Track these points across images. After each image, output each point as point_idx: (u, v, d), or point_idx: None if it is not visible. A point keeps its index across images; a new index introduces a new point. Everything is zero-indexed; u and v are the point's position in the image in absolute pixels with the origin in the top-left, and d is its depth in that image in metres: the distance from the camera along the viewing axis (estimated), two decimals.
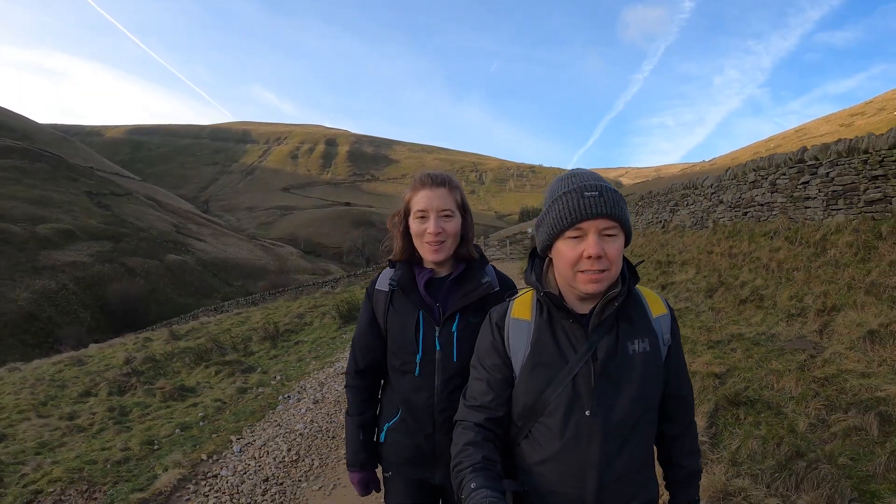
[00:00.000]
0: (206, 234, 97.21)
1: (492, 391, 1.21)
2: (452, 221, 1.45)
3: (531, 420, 1.17)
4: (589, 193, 1.07)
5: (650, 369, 1.16)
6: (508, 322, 1.23)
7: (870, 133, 6.00)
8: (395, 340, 1.51)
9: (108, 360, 10.88)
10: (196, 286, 71.00)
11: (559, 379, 1.13)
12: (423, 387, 1.46)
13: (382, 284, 1.54)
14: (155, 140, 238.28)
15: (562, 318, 1.17)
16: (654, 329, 1.20)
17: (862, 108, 59.69)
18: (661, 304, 1.25)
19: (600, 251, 1.06)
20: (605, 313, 1.13)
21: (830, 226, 5.95)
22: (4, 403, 8.16)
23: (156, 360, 9.69)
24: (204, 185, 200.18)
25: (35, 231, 66.93)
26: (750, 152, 70.40)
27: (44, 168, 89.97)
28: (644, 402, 1.15)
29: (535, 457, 1.17)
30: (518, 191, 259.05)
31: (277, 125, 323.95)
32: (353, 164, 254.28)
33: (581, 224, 1.07)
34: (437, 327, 1.46)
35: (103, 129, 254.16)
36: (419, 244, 1.46)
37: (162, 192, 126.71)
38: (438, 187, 1.45)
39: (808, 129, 63.80)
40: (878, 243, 5.02)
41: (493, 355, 1.23)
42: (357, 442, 1.55)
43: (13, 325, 48.99)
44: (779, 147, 59.92)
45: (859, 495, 2.18)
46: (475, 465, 1.11)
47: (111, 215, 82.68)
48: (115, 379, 8.48)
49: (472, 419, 1.21)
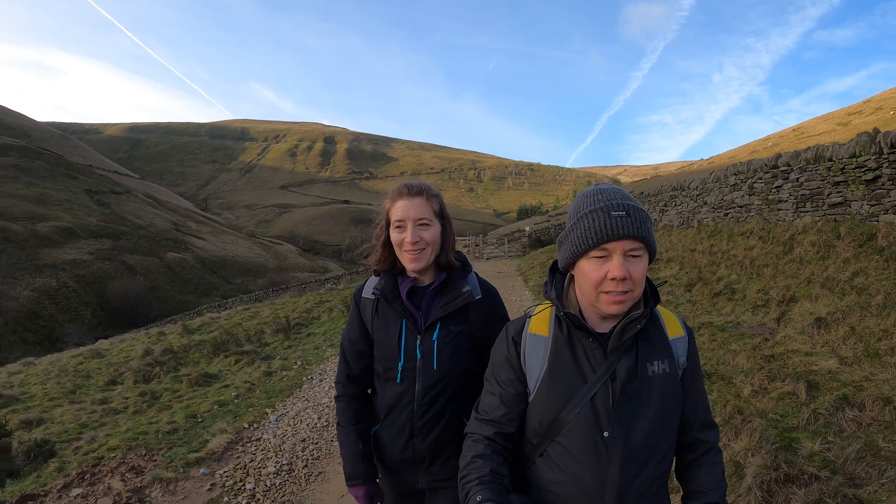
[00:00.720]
0: (205, 231, 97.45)
1: (504, 406, 1.20)
2: (430, 230, 1.46)
3: (547, 439, 1.16)
4: (616, 213, 1.06)
5: (670, 391, 1.15)
6: (525, 337, 1.22)
7: (834, 142, 6.61)
8: (379, 348, 1.53)
9: (126, 353, 11.46)
10: (195, 284, 71.38)
11: (577, 398, 1.12)
12: (404, 394, 1.49)
13: (368, 293, 1.57)
14: (153, 138, 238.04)
15: (581, 337, 1.16)
16: (672, 350, 1.19)
17: (860, 107, 59.97)
18: (679, 325, 1.24)
19: (625, 273, 1.05)
20: (626, 334, 1.12)
21: (798, 226, 6.56)
22: (34, 393, 8.75)
23: (174, 351, 10.24)
24: (202, 182, 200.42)
25: (35, 229, 67.18)
26: (748, 151, 70.53)
27: (43, 166, 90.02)
28: (664, 424, 1.14)
29: (550, 476, 1.16)
30: (516, 189, 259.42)
31: (276, 123, 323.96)
32: (351, 161, 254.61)
33: (606, 245, 1.06)
34: (419, 336, 1.48)
35: (101, 126, 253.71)
36: (399, 254, 1.48)
37: (161, 189, 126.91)
38: (415, 196, 1.46)
39: (806, 128, 64.20)
40: (836, 242, 5.64)
41: (508, 370, 1.22)
42: (356, 453, 1.53)
43: (15, 323, 49.31)
44: (776, 146, 59.91)
45: (781, 441, 2.78)
46: (482, 477, 1.11)
47: (110, 213, 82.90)
48: (138, 368, 9.04)
49: (483, 432, 1.21)
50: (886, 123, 42.97)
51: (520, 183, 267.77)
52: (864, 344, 3.75)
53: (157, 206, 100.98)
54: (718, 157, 79.29)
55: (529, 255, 21.67)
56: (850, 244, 5.45)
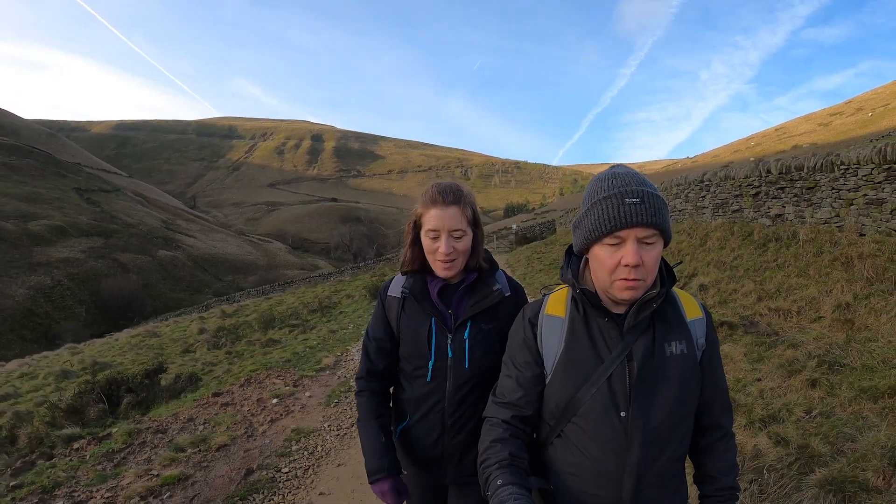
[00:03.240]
0: (194, 230, 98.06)
1: (521, 389, 1.19)
2: (464, 240, 1.45)
3: (564, 420, 1.15)
4: (630, 200, 1.04)
5: (688, 372, 1.13)
6: (542, 319, 1.20)
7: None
8: (407, 346, 1.53)
9: (180, 332, 13.57)
10: (187, 281, 72.39)
11: (594, 379, 1.11)
12: (435, 391, 1.49)
13: (395, 291, 1.56)
14: (141, 135, 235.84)
15: (598, 317, 1.14)
16: (690, 331, 1.17)
17: (841, 108, 61.08)
18: (697, 307, 1.21)
19: (638, 260, 1.03)
20: (642, 314, 1.10)
21: (712, 226, 9.00)
22: (121, 361, 10.83)
23: (226, 329, 12.39)
24: (190, 180, 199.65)
25: (27, 228, 67.65)
26: (731, 150, 72.60)
27: (32, 164, 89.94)
28: (682, 404, 1.13)
29: (568, 458, 1.15)
30: (503, 186, 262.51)
31: (263, 120, 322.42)
32: (339, 159, 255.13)
33: (620, 232, 1.04)
34: (450, 334, 1.48)
35: (88, 124, 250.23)
36: (431, 260, 1.47)
37: (149, 188, 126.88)
38: (450, 206, 1.43)
39: (788, 128, 65.56)
40: (730, 237, 8.06)
41: (525, 352, 1.21)
42: (379, 446, 1.51)
43: (12, 321, 50.15)
44: (758, 145, 61.46)
45: None
46: (502, 461, 1.11)
47: (100, 211, 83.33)
48: (206, 340, 11.20)
49: (500, 416, 1.20)
50: (864, 125, 43.67)
51: (507, 181, 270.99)
52: (720, 297, 6.17)
53: (147, 204, 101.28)
54: (702, 157, 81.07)
55: (516, 251, 23.95)
56: (738, 238, 7.88)
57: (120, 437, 4.47)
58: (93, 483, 3.60)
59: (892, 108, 46.50)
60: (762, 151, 56.54)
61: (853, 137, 37.29)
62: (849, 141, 35.00)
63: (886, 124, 35.68)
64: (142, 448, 4.16)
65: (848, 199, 6.10)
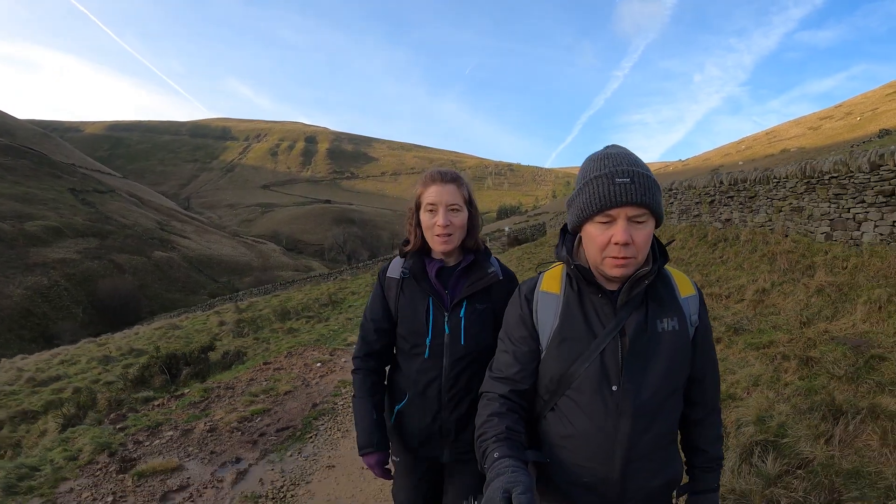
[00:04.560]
0: (189, 231, 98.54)
1: (518, 363, 1.22)
2: (460, 215, 1.54)
3: (558, 394, 1.18)
4: (620, 180, 1.06)
5: (679, 348, 1.16)
6: (537, 295, 1.24)
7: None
8: (405, 325, 1.59)
9: (200, 324, 14.73)
10: (183, 282, 73.01)
11: (587, 353, 1.14)
12: (432, 368, 1.55)
13: (394, 272, 1.63)
14: (134, 136, 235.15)
15: (591, 293, 1.17)
16: (683, 309, 1.20)
17: (831, 112, 61.78)
18: (690, 285, 1.24)
19: (628, 238, 1.06)
20: (634, 291, 1.13)
21: (677, 229, 10.37)
22: (156, 347, 11.95)
23: (245, 321, 13.58)
24: (184, 181, 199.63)
25: (23, 228, 67.95)
26: (721, 154, 74.08)
27: (27, 165, 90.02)
28: (672, 379, 1.16)
29: (561, 430, 1.19)
30: (496, 189, 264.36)
31: (257, 122, 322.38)
32: (332, 161, 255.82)
33: (610, 211, 1.07)
34: (447, 313, 1.55)
35: (82, 124, 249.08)
36: (429, 236, 1.55)
37: (144, 189, 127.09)
38: (448, 183, 1.53)
39: (779, 132, 67.20)
40: (690, 238, 9.43)
41: (521, 328, 1.24)
42: (371, 422, 1.59)
43: (10, 321, 50.63)
44: (749, 149, 62.23)
45: None
46: (498, 434, 1.12)
47: (95, 212, 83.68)
48: (229, 329, 12.40)
49: (497, 391, 1.23)
50: (852, 129, 45.58)
51: (499, 183, 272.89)
52: None
53: (142, 205, 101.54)
54: (693, 160, 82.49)
55: (508, 252, 25.24)
56: (696, 239, 9.25)
57: (196, 394, 5.72)
58: (190, 420, 4.84)
59: (881, 112, 48.30)
60: (752, 155, 58.27)
61: (840, 142, 38.78)
62: (835, 145, 36.50)
63: (873, 128, 37.26)
64: (219, 399, 5.41)
65: (778, 207, 7.48)
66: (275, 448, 3.87)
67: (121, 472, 3.75)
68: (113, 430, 5.01)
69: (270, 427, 4.26)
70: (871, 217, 5.84)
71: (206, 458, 3.78)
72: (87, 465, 4.07)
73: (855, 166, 6.05)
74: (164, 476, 3.51)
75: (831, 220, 6.42)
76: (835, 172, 6.39)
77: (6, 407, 8.27)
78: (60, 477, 3.92)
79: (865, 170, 5.89)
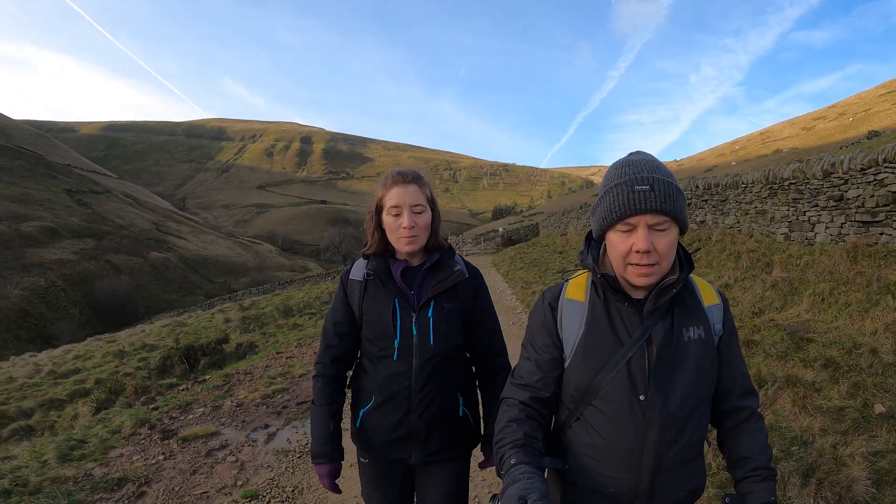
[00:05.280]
0: (185, 231, 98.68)
1: (540, 371, 1.22)
2: (424, 215, 1.52)
3: (584, 403, 1.17)
4: (640, 187, 1.06)
5: (706, 357, 1.16)
6: (562, 303, 1.22)
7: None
8: (371, 327, 1.55)
9: (205, 321, 15.32)
10: (179, 283, 73.27)
11: (613, 362, 1.13)
12: (401, 370, 1.52)
13: (357, 274, 1.60)
14: (130, 137, 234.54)
15: (617, 301, 1.16)
16: (707, 317, 1.19)
17: (824, 113, 62.35)
18: (714, 293, 1.24)
19: (649, 246, 1.05)
20: (661, 299, 1.13)
21: None
22: (166, 343, 12.55)
23: (249, 318, 14.19)
24: (180, 182, 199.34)
25: (19, 229, 68.02)
26: (716, 154, 74.74)
27: (23, 165, 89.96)
28: (700, 389, 1.15)
29: (587, 440, 1.18)
30: (491, 189, 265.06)
31: (252, 122, 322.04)
32: (328, 161, 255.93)
33: (630, 219, 1.07)
34: (414, 313, 1.52)
35: (77, 125, 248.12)
36: (393, 238, 1.52)
37: (139, 189, 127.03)
38: (410, 184, 1.51)
39: (773, 132, 67.98)
40: None
41: (545, 335, 1.23)
42: (327, 432, 1.57)
43: (8, 321, 50.81)
44: (742, 149, 62.62)
45: None
46: (516, 441, 1.12)
47: (92, 213, 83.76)
48: (236, 326, 13.03)
49: (518, 397, 1.22)
50: (846, 129, 46.13)
51: (495, 183, 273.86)
52: None
53: (137, 205, 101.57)
54: (688, 160, 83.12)
55: (502, 252, 25.92)
56: None
57: (218, 379, 6.36)
58: (217, 399, 5.48)
59: (873, 112, 49.09)
60: (745, 155, 59.05)
61: (832, 143, 39.43)
62: (826, 146, 37.16)
63: (865, 129, 37.86)
64: (240, 382, 6.06)
65: (745, 210, 8.19)
66: (296, 417, 4.52)
67: (164, 439, 4.39)
68: (147, 410, 5.63)
69: (291, 402, 4.91)
70: (822, 220, 6.55)
71: (238, 426, 4.43)
72: (131, 437, 4.70)
73: (811, 174, 6.76)
74: (204, 440, 4.15)
75: (790, 222, 7.13)
76: (793, 179, 7.10)
77: (33, 396, 8.87)
78: (108, 446, 4.54)
79: (819, 177, 6.59)
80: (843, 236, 6.13)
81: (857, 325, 4.54)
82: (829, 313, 5.08)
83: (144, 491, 3.40)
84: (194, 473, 3.55)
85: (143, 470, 3.68)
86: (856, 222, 5.95)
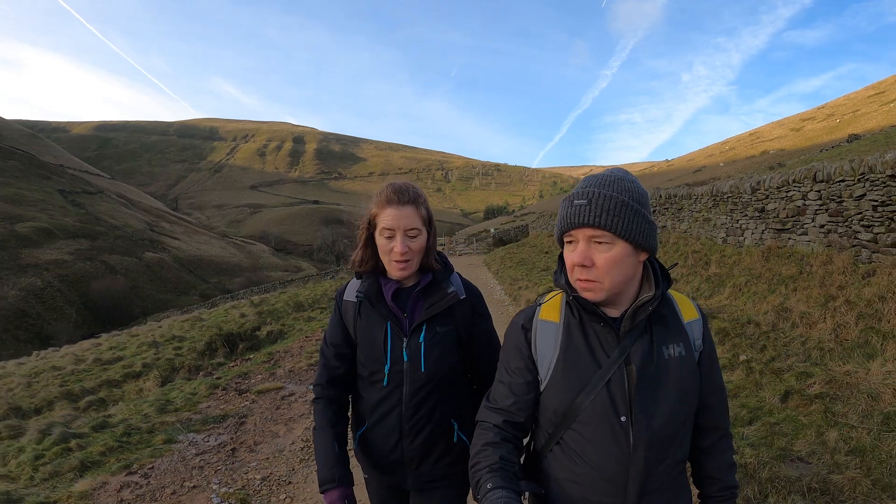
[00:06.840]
0: (178, 232, 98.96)
1: (513, 395, 1.20)
2: (419, 239, 1.46)
3: (563, 427, 1.15)
4: (578, 202, 1.07)
5: (687, 374, 1.14)
6: (536, 324, 1.20)
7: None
8: (364, 351, 1.52)
9: (221, 317, 16.68)
10: (174, 283, 73.85)
11: (592, 384, 1.11)
12: (391, 396, 1.49)
13: (350, 295, 1.56)
14: (122, 137, 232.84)
15: (592, 322, 1.14)
16: (687, 334, 1.18)
17: (813, 114, 62.56)
18: (694, 309, 1.23)
19: (584, 259, 1.06)
20: (638, 318, 1.11)
21: None
22: (192, 335, 13.92)
23: (262, 313, 15.58)
24: (172, 182, 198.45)
25: (14, 229, 68.26)
26: (705, 154, 75.43)
27: (16, 166, 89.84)
28: (684, 407, 1.14)
29: (569, 464, 1.15)
30: (483, 189, 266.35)
31: (245, 122, 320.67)
32: (320, 161, 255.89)
33: (571, 232, 1.08)
34: (405, 338, 1.48)
35: (69, 125, 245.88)
36: (386, 260, 1.47)
37: (132, 189, 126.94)
38: (406, 205, 1.44)
39: (762, 133, 68.68)
40: None
41: (517, 358, 1.21)
42: (332, 456, 1.49)
43: (5, 321, 51.23)
44: (732, 150, 63.25)
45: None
46: (492, 465, 1.12)
47: (85, 213, 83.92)
48: (253, 320, 14.38)
49: (492, 420, 1.21)
50: (831, 131, 47.08)
51: (487, 183, 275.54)
52: None
53: (131, 206, 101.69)
54: (679, 160, 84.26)
55: (493, 252, 27.30)
56: None
57: (262, 357, 7.85)
58: (270, 369, 6.97)
59: (861, 113, 50.02)
60: (734, 156, 60.51)
61: (818, 144, 40.59)
62: (812, 148, 38.35)
63: (851, 130, 38.58)
64: (282, 358, 7.55)
65: (696, 218, 9.82)
66: None
67: (241, 394, 5.87)
68: (212, 379, 7.05)
69: None
70: (750, 227, 8.17)
71: (297, 382, 5.93)
72: (209, 396, 6.13)
73: (743, 189, 8.38)
74: (275, 392, 5.65)
75: (727, 228, 8.75)
76: (730, 193, 8.73)
77: (89, 379, 10.29)
78: (195, 402, 5.95)
79: (748, 192, 8.22)
80: (763, 240, 7.75)
81: (756, 308, 6.14)
82: (741, 300, 6.68)
83: (244, 421, 4.88)
84: (278, 409, 5.05)
85: (237, 410, 5.18)
86: (772, 229, 7.56)
